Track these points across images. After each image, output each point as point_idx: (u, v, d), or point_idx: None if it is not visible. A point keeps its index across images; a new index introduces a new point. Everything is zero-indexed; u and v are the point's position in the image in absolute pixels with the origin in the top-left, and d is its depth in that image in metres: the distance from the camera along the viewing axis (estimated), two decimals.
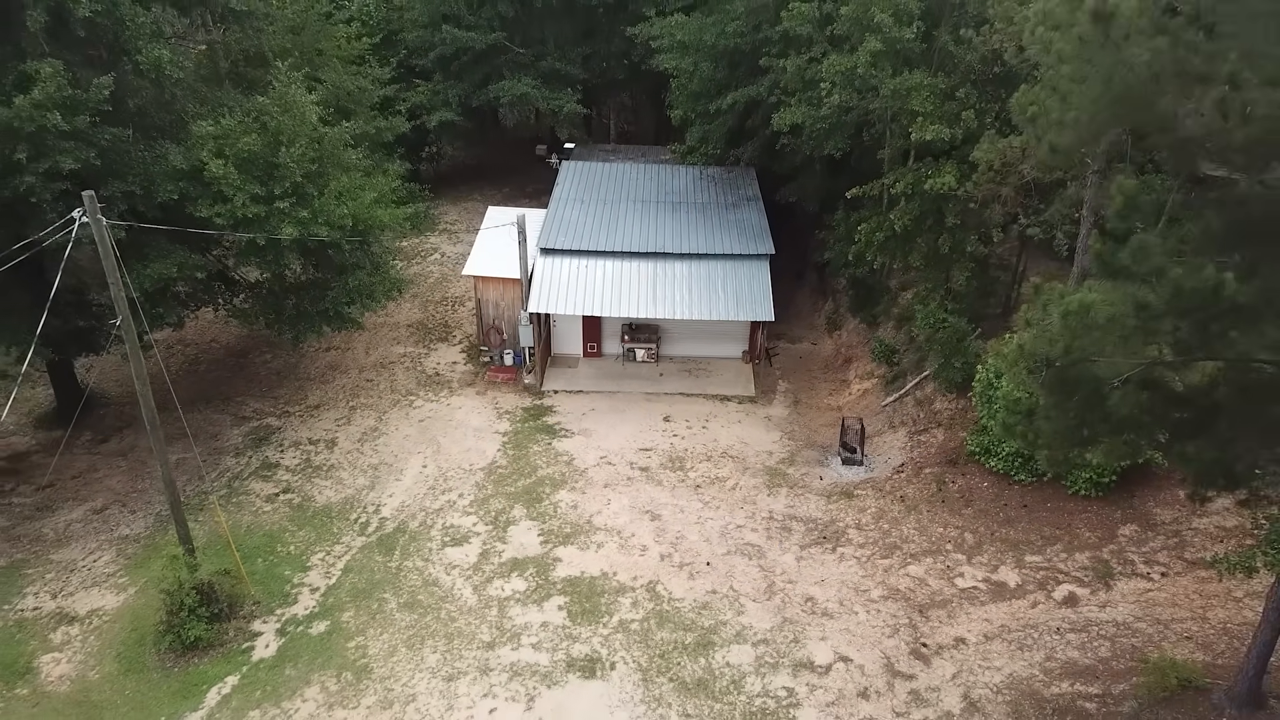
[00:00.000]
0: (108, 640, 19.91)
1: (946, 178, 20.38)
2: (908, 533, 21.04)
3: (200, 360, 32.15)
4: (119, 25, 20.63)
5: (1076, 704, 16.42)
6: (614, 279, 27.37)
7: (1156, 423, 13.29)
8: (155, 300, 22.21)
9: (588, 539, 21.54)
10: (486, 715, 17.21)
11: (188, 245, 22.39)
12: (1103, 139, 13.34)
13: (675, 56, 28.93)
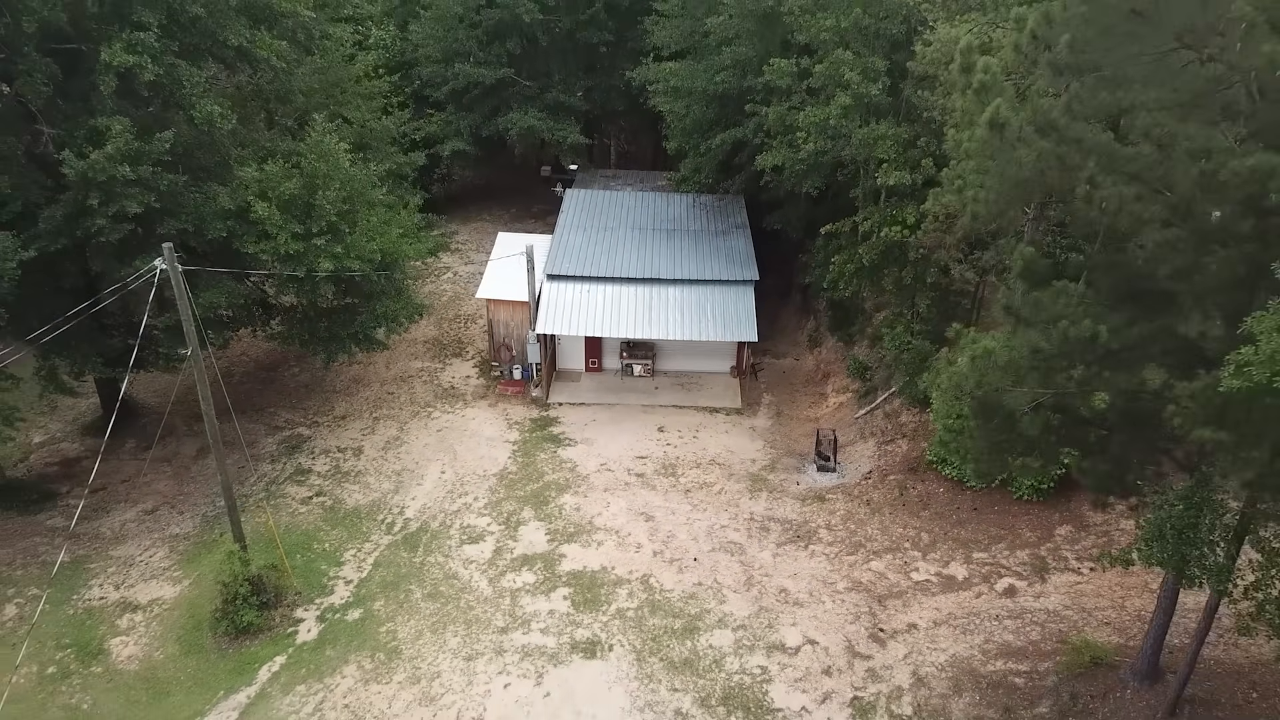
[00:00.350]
0: (169, 625, 22.60)
1: (898, 227, 23.04)
2: (871, 532, 23.71)
3: (232, 373, 34.77)
4: (176, 84, 23.33)
5: (1007, 679, 19.09)
6: (613, 302, 30.05)
7: (1062, 442, 15.98)
8: (205, 325, 24.88)
9: (589, 537, 24.22)
10: (501, 690, 19.88)
11: (232, 275, 25.08)
12: (1010, 211, 15.96)
13: (669, 100, 31.67)
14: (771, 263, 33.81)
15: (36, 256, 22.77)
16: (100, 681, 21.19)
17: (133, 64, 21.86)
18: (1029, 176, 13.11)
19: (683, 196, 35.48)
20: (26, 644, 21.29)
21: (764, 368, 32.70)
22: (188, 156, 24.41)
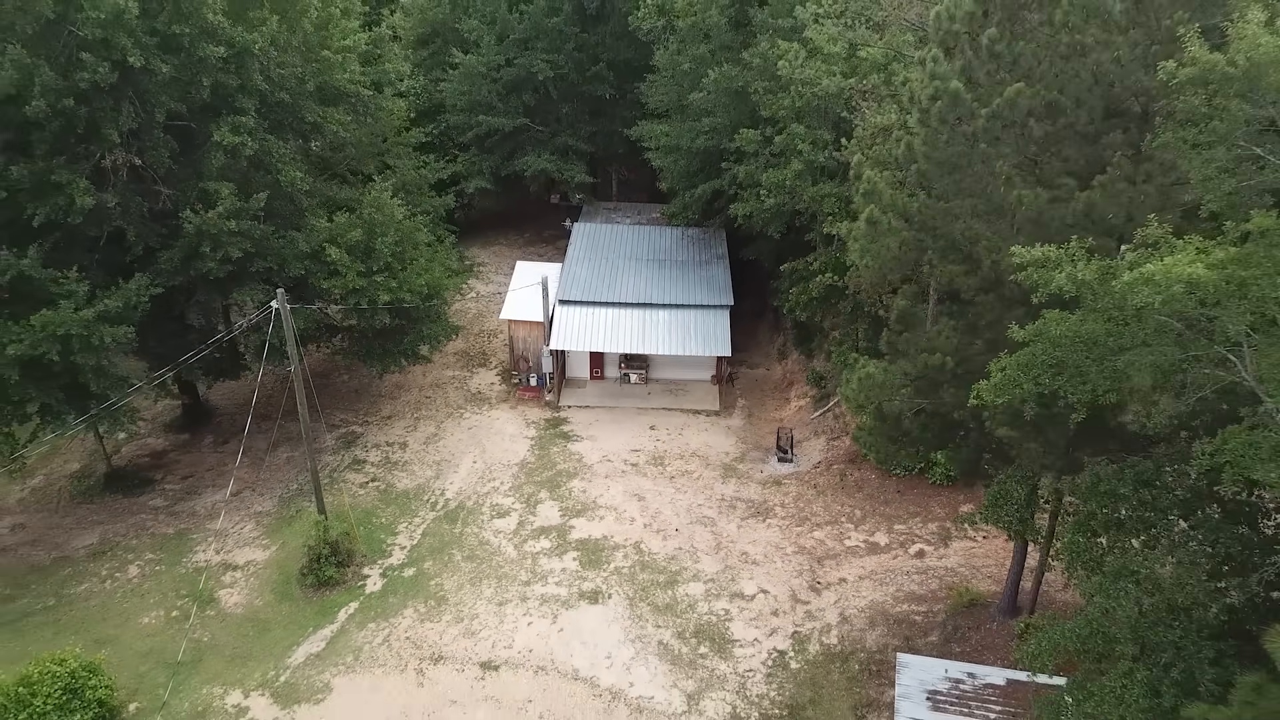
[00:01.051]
0: (263, 580, 28.52)
1: (830, 274, 28.87)
2: (816, 509, 29.58)
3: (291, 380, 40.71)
4: (267, 155, 29.21)
5: (909, 617, 24.93)
6: (613, 323, 35.95)
7: (937, 439, 21.87)
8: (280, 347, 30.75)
9: (593, 513, 30.09)
10: (525, 627, 25.75)
11: (304, 301, 30.94)
12: (890, 275, 21.73)
13: (661, 155, 37.58)
14: (749, 286, 39.72)
15: (160, 291, 28.73)
16: (214, 622, 27.10)
17: (236, 142, 27.78)
18: (895, 255, 18.97)
19: (673, 229, 41.37)
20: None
21: (739, 376, 38.56)
22: (273, 210, 30.31)
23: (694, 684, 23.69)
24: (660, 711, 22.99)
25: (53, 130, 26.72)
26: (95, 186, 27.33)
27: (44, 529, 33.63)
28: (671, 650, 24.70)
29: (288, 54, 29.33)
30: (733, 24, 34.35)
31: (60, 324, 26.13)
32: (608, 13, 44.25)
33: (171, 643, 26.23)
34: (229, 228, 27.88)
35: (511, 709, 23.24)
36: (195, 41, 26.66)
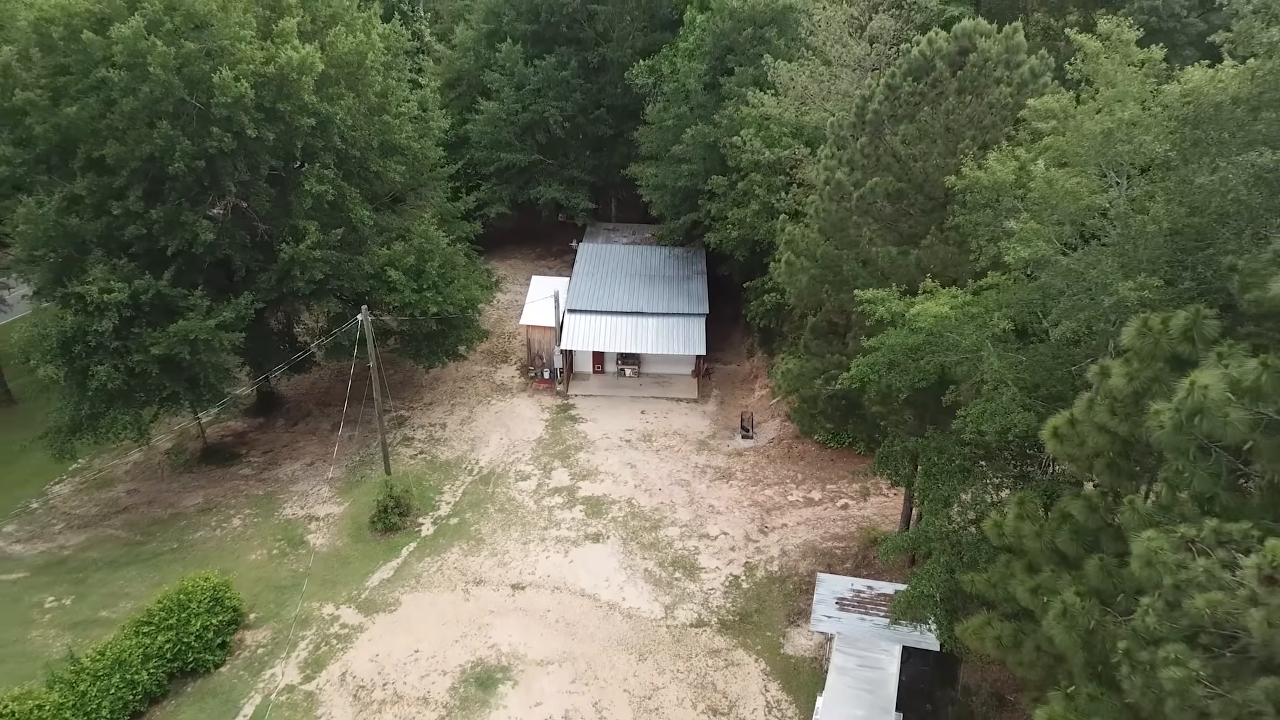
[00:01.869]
0: (341, 527, 36.49)
1: (775, 293, 36.81)
2: (768, 474, 37.56)
3: (344, 374, 48.61)
4: (342, 198, 37.16)
5: (832, 550, 32.90)
6: (611, 328, 43.91)
7: (841, 415, 29.80)
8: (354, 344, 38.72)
9: (595, 477, 38.06)
10: (544, 559, 33.68)
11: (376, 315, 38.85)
12: (809, 299, 29.61)
13: (650, 191, 45.54)
14: (723, 297, 47.60)
15: (260, 306, 36.73)
16: (306, 557, 35.08)
17: (321, 190, 35.74)
18: (805, 286, 26.93)
19: (661, 249, 49.29)
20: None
21: (714, 371, 46.51)
22: (345, 240, 38.25)
23: (670, 598, 31.70)
24: (645, 618, 30.98)
25: (184, 182, 34.69)
26: (211, 224, 35.32)
27: (155, 492, 41.68)
28: (654, 575, 32.71)
29: (358, 119, 37.29)
30: (706, 89, 42.32)
31: (190, 331, 34.13)
32: (608, 65, 52.10)
33: (275, 572, 34.26)
34: (314, 256, 35.87)
35: (535, 616, 31.23)
36: (293, 115, 34.59)
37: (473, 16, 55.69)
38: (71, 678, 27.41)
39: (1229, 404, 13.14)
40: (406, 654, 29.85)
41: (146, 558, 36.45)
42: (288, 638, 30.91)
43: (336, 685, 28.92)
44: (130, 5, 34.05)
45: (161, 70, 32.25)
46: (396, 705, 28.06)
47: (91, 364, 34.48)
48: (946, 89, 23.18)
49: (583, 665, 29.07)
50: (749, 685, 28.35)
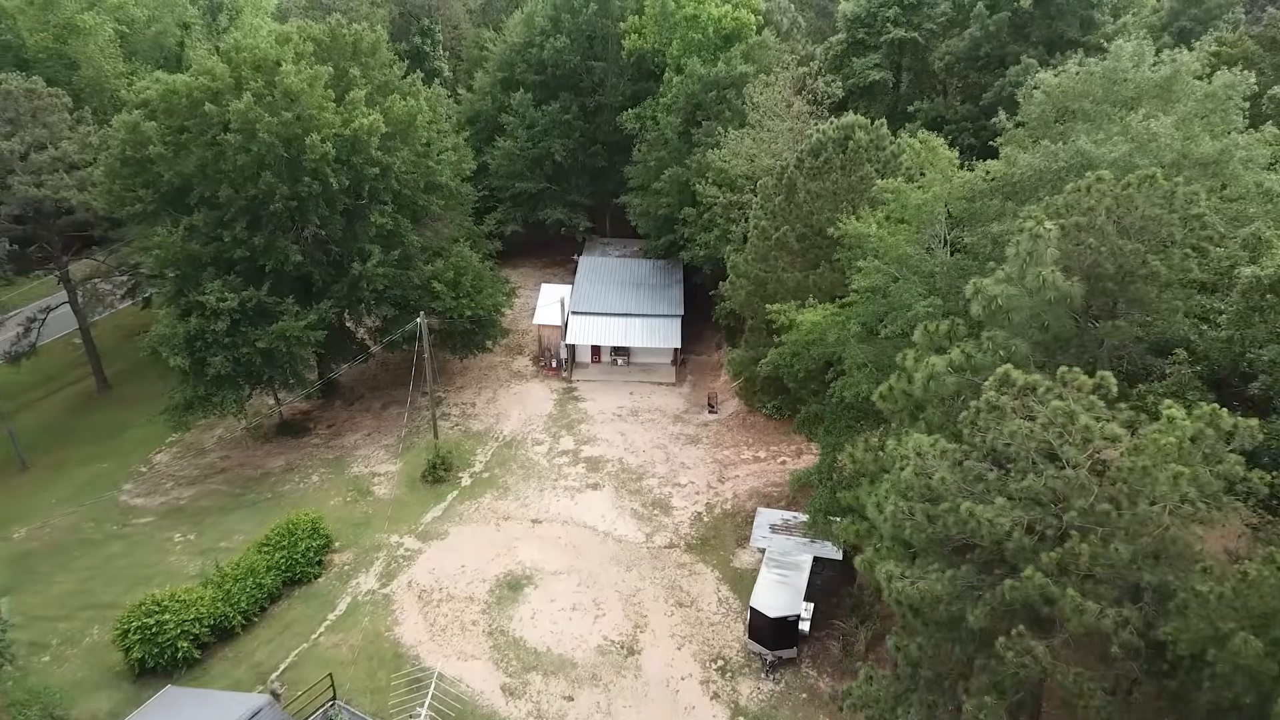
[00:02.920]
0: (398, 480, 46.72)
1: (728, 301, 46.96)
2: (726, 439, 47.87)
3: (388, 363, 58.87)
4: (399, 228, 47.21)
5: (771, 493, 43.22)
6: (606, 326, 54.12)
7: (776, 391, 40.15)
8: (404, 340, 48.95)
9: (594, 442, 48.34)
10: (555, 502, 43.94)
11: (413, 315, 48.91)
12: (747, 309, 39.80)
13: (636, 216, 55.69)
14: (697, 301, 57.70)
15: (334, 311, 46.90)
16: (372, 503, 45.29)
17: (383, 222, 45.87)
18: (743, 299, 37.15)
19: (647, 261, 59.47)
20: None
21: (689, 361, 56.77)
22: (399, 259, 48.33)
23: (650, 528, 42.01)
24: (631, 542, 41.28)
25: (279, 217, 44.81)
26: (298, 247, 45.45)
27: (244, 458, 51.85)
28: (638, 512, 43.04)
29: (409, 166, 47.39)
30: (680, 137, 52.47)
31: (286, 330, 44.31)
32: (602, 109, 62.16)
33: (350, 513, 44.48)
34: (377, 272, 46.04)
35: (550, 541, 41.50)
36: (362, 165, 44.71)
37: (489, 64, 65.65)
38: (219, 579, 37.71)
39: (948, 373, 23.40)
40: (455, 568, 40.14)
41: (248, 505, 46.67)
42: (366, 558, 41.20)
43: (405, 589, 39.21)
44: (238, 83, 44.16)
45: (267, 135, 42.37)
46: (450, 603, 38.36)
47: (208, 355, 44.64)
48: (834, 164, 33.44)
49: (585, 574, 39.39)
50: (705, 587, 38.72)
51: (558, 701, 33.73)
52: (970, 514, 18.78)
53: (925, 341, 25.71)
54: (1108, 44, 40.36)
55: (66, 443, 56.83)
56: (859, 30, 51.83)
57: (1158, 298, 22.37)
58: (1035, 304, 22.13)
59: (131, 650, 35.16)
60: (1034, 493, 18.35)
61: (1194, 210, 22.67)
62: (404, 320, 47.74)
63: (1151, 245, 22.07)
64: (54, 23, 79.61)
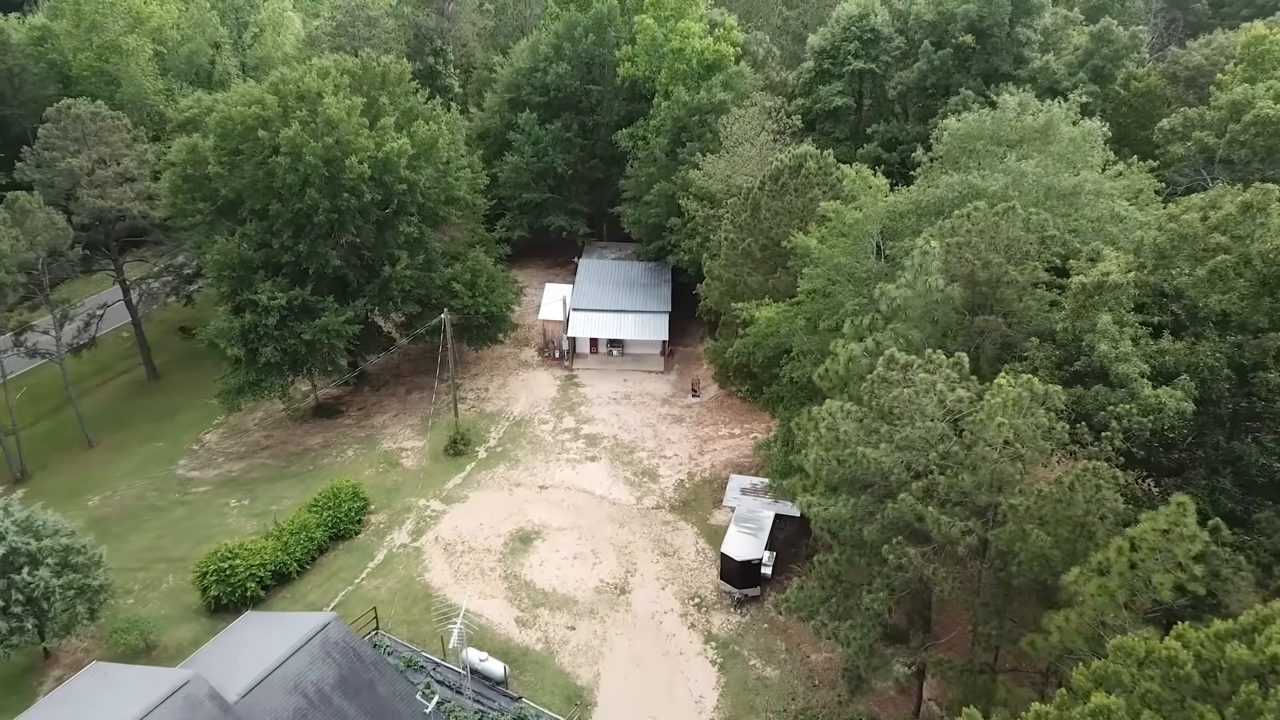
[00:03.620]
0: (423, 454, 53.64)
1: (707, 300, 53.76)
2: (707, 419, 54.80)
3: (409, 354, 65.72)
4: (424, 236, 53.99)
5: (743, 463, 50.13)
6: (603, 321, 60.99)
7: (745, 375, 47.11)
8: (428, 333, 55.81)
9: (592, 422, 55.26)
10: (559, 471, 50.84)
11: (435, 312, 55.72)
12: (722, 306, 46.61)
13: (629, 225, 62.49)
14: (684, 299, 64.50)
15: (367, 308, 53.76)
16: (401, 473, 52.20)
17: (410, 231, 52.70)
18: (717, 299, 44.03)
19: (640, 263, 66.29)
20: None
21: (676, 351, 63.66)
22: (423, 263, 55.12)
23: (640, 493, 48.94)
24: (624, 504, 48.19)
25: (321, 227, 51.57)
26: (336, 253, 52.26)
27: (285, 436, 58.75)
28: (630, 480, 49.97)
29: (431, 182, 54.17)
30: (668, 155, 59.25)
31: (328, 324, 51.16)
32: (599, 127, 68.86)
33: (383, 481, 51.37)
34: (405, 274, 52.88)
35: (554, 503, 48.40)
36: (392, 183, 51.50)
37: (497, 85, 72.33)
38: (278, 534, 44.62)
39: (863, 356, 30.26)
40: (475, 525, 47.06)
41: (292, 475, 53.58)
42: (398, 518, 48.11)
43: (432, 543, 46.14)
44: (285, 113, 50.90)
45: (312, 157, 49.14)
46: (471, 553, 45.29)
47: (260, 346, 51.49)
48: (789, 187, 40.30)
49: (585, 530, 46.32)
50: (685, 540, 45.68)
51: (562, 630, 40.65)
52: (865, 457, 25.71)
53: (851, 332, 32.60)
54: (1033, 78, 47.40)
55: (125, 425, 63.77)
56: (825, 61, 58.58)
57: (1017, 299, 29.26)
58: (926, 303, 29.03)
59: (209, 589, 42.11)
60: (909, 440, 25.26)
61: (1048, 233, 29.58)
62: (427, 316, 54.60)
63: (1013, 259, 28.96)
64: (98, 44, 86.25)
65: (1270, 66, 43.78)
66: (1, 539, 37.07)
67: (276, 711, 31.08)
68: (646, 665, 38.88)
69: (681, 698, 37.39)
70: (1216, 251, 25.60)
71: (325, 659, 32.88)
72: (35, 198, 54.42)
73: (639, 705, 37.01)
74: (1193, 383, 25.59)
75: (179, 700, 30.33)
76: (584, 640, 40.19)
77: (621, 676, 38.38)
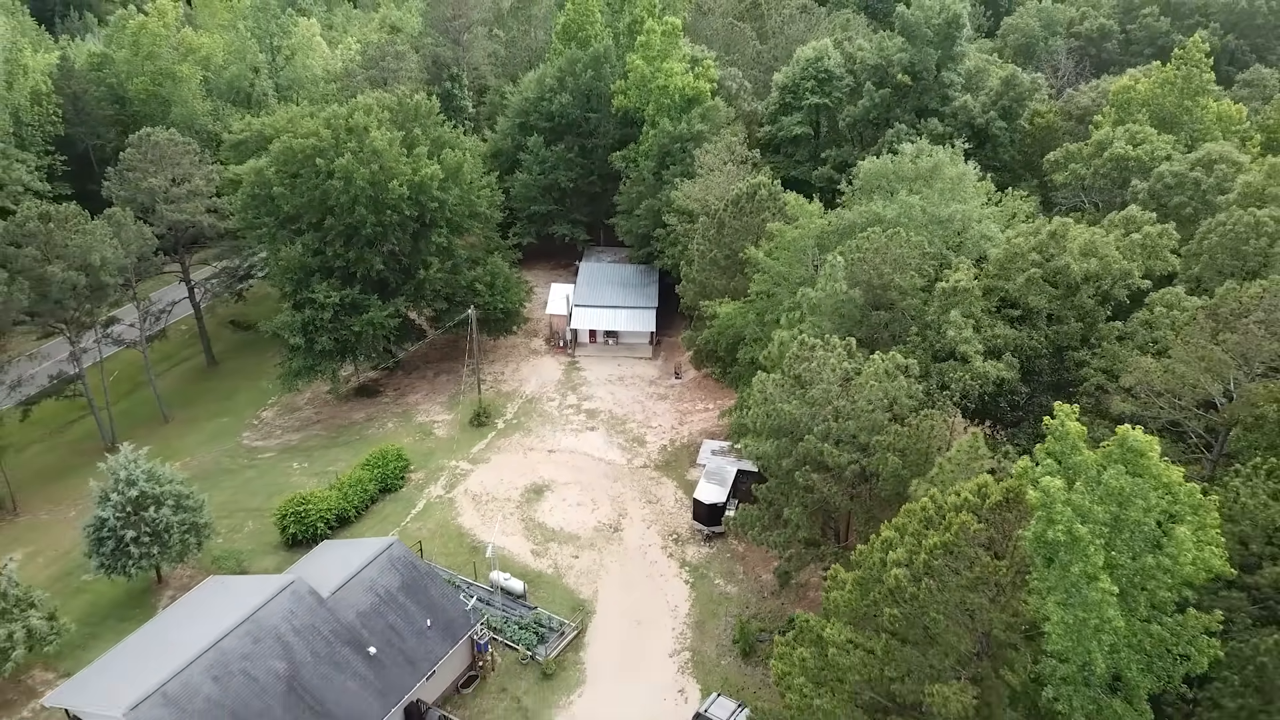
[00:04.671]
0: (452, 425, 64.12)
1: (686, 299, 64.01)
2: (687, 396, 65.30)
3: (435, 343, 76.16)
4: (451, 245, 64.34)
5: (715, 432, 60.64)
6: (601, 315, 71.43)
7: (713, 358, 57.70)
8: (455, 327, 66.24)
9: (592, 399, 65.75)
10: (564, 438, 61.32)
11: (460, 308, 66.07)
12: (699, 301, 57.00)
13: (623, 233, 72.84)
14: (669, 295, 74.92)
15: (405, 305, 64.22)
16: (434, 440, 62.68)
17: (440, 241, 63.09)
18: (692, 297, 54.50)
19: (632, 266, 76.68)
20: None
21: (662, 341, 74.10)
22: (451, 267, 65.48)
23: (630, 455, 59.45)
24: (618, 464, 58.69)
25: (367, 237, 61.93)
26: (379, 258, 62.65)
27: (333, 413, 69.23)
28: (622, 445, 60.50)
29: (457, 200, 64.49)
30: (654, 176, 69.52)
31: (374, 318, 61.60)
32: (597, 149, 79.12)
33: (419, 447, 61.84)
34: (436, 277, 63.29)
35: (561, 463, 58.88)
36: (426, 201, 61.85)
37: (508, 111, 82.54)
38: (338, 486, 55.11)
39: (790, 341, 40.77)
40: (496, 481, 57.54)
41: (343, 443, 64.04)
42: (434, 475, 58.57)
43: (463, 494, 56.63)
44: (337, 144, 61.16)
45: (360, 181, 59.46)
46: (494, 502, 55.79)
47: (316, 336, 61.88)
48: (746, 209, 50.70)
49: (585, 484, 56.79)
50: (667, 491, 56.19)
51: (568, 559, 51.15)
52: (784, 410, 36.17)
53: (785, 325, 43.10)
54: (955, 114, 57.73)
55: (192, 404, 74.31)
56: (787, 95, 68.85)
57: (901, 299, 39.70)
58: (834, 302, 39.49)
59: (287, 528, 52.58)
60: (813, 398, 35.72)
61: (926, 250, 40.05)
62: (453, 312, 65.05)
63: (898, 270, 39.41)
64: (152, 70, 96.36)
65: (1134, 110, 54.09)
66: (134, 484, 47.52)
67: (358, 605, 41.61)
68: (635, 584, 49.36)
69: (662, 607, 47.87)
70: (1030, 267, 36.08)
71: (391, 569, 43.41)
72: (127, 213, 64.68)
73: (629, 612, 47.48)
74: (1015, 359, 36.09)
75: (287, 595, 40.86)
76: (585, 566, 50.64)
77: (615, 592, 48.85)
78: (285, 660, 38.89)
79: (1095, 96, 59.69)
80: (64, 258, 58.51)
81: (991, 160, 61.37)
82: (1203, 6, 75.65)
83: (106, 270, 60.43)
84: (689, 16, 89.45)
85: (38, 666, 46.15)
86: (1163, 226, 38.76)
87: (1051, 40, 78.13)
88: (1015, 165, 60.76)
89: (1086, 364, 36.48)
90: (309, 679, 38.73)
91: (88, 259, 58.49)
